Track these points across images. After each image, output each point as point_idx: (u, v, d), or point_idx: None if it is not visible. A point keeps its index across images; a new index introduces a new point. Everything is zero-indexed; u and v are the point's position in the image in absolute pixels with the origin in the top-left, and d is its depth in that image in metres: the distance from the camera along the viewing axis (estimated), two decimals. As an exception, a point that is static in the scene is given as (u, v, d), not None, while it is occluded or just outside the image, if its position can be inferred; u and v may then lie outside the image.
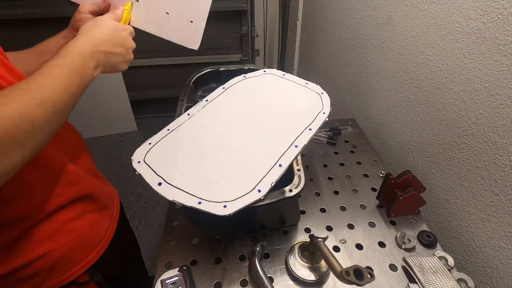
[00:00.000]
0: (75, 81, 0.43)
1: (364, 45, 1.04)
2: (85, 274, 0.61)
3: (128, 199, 1.76)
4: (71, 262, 0.58)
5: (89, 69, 0.45)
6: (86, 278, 0.62)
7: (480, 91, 0.60)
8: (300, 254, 0.60)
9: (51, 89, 0.39)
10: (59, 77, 0.41)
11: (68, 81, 0.41)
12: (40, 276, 0.55)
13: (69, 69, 0.42)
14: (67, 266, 0.58)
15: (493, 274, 0.62)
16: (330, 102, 0.70)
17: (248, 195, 0.51)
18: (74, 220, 0.57)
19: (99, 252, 0.63)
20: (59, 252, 0.55)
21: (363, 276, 0.46)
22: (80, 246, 0.59)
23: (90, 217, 0.61)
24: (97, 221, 0.63)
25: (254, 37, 2.04)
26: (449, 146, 0.70)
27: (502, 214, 0.59)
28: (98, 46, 0.47)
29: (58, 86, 0.40)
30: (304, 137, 0.61)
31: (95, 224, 0.62)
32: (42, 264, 0.54)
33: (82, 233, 0.59)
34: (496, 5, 0.54)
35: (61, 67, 0.42)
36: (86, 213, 0.60)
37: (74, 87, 0.43)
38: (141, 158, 0.55)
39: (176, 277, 0.56)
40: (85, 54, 0.45)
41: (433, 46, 0.71)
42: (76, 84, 0.43)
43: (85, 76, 0.45)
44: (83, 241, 0.59)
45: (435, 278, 0.54)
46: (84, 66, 0.45)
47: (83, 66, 0.44)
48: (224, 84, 0.75)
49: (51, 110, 0.39)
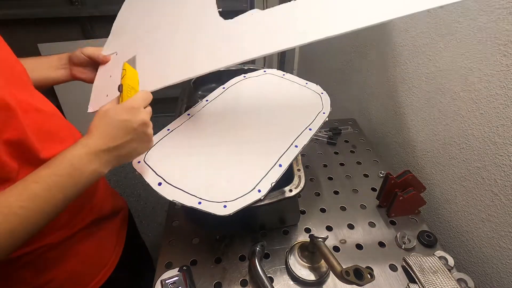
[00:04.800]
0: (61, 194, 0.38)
1: (364, 45, 1.04)
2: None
3: (128, 199, 1.76)
4: (78, 285, 0.56)
5: (85, 172, 0.40)
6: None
7: (480, 91, 0.60)
8: (300, 254, 0.60)
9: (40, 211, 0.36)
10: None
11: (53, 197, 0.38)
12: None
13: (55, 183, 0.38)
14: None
15: (493, 274, 0.62)
16: (330, 102, 0.70)
17: (248, 195, 0.51)
18: (78, 244, 0.54)
19: (107, 272, 0.60)
20: (64, 277, 0.53)
21: (363, 276, 0.46)
22: (86, 268, 0.57)
23: (95, 239, 0.58)
24: (103, 241, 0.60)
25: (254, 37, 2.04)
26: (449, 146, 0.70)
27: (502, 214, 0.59)
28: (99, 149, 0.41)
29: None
30: (304, 137, 0.61)
31: (101, 245, 0.60)
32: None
33: (87, 256, 0.56)
34: (496, 5, 0.54)
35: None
36: (91, 236, 0.57)
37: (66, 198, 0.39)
38: (141, 158, 0.55)
39: (176, 277, 0.56)
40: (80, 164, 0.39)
41: (433, 46, 0.71)
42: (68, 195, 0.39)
43: (81, 179, 0.40)
44: (89, 263, 0.57)
45: (435, 278, 0.54)
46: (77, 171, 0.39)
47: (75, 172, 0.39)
48: (224, 84, 0.75)
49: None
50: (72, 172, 0.38)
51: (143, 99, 0.46)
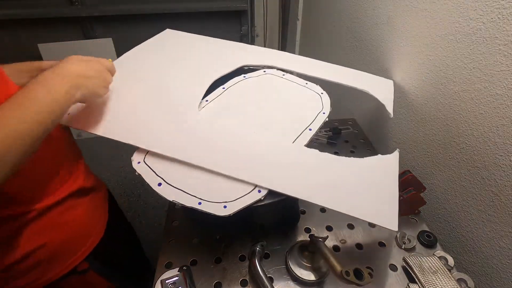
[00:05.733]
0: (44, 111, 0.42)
1: (364, 45, 1.04)
2: (84, 262, 0.63)
3: (128, 199, 1.76)
4: (69, 252, 0.61)
5: (60, 94, 0.44)
6: (85, 266, 0.64)
7: (480, 91, 0.60)
8: (300, 254, 0.60)
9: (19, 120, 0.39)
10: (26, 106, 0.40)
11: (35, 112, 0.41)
12: (41, 267, 0.57)
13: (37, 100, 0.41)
14: (66, 255, 0.60)
15: (493, 274, 0.62)
16: (330, 102, 0.70)
17: (248, 195, 0.51)
18: (67, 212, 0.59)
19: (95, 240, 0.66)
20: (56, 243, 0.57)
21: (363, 276, 0.46)
22: (76, 236, 0.62)
23: (83, 208, 0.63)
24: (89, 210, 0.65)
25: (254, 37, 2.05)
26: (449, 146, 0.70)
27: (502, 214, 0.59)
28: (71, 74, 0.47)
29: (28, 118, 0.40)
30: (304, 137, 0.61)
31: (88, 213, 0.64)
32: (41, 255, 0.56)
33: (76, 224, 0.61)
34: (496, 5, 0.54)
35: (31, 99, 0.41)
36: (78, 205, 0.62)
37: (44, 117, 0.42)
38: (141, 158, 0.55)
39: (176, 277, 0.56)
40: (54, 81, 0.44)
41: (433, 46, 0.71)
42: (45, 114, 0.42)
43: (58, 102, 0.44)
44: (78, 231, 0.62)
45: (435, 278, 0.54)
46: (55, 92, 0.44)
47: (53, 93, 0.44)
48: (224, 84, 0.75)
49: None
50: (42, 81, 0.43)
51: (110, 66, 0.57)
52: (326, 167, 0.57)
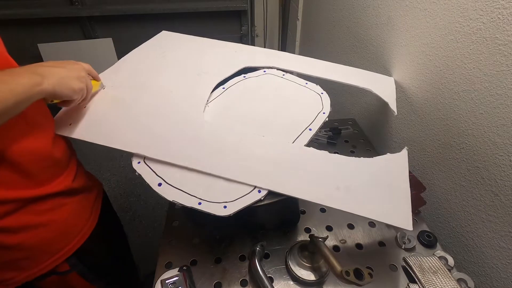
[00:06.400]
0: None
1: (364, 45, 1.04)
2: (64, 263, 0.62)
3: (128, 199, 1.76)
4: (48, 252, 0.59)
5: (23, 77, 0.44)
6: (66, 268, 0.63)
7: (480, 91, 0.60)
8: (300, 254, 0.60)
9: None
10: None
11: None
12: (18, 265, 0.56)
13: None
14: (44, 255, 0.59)
15: (493, 274, 0.62)
16: (330, 102, 0.70)
17: (248, 195, 0.51)
18: (50, 211, 0.57)
19: (79, 242, 0.63)
20: (33, 242, 0.56)
21: (363, 276, 0.46)
22: (57, 236, 0.60)
23: (68, 209, 0.61)
24: (76, 212, 0.63)
25: (254, 37, 2.05)
26: (449, 146, 0.70)
27: (502, 214, 0.59)
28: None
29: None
30: (304, 137, 0.61)
31: (74, 215, 0.62)
32: (17, 253, 0.55)
33: (58, 224, 0.59)
34: (496, 5, 0.54)
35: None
36: (64, 205, 0.60)
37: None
38: (141, 158, 0.55)
39: (176, 277, 0.56)
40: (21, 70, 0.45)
41: (433, 46, 0.71)
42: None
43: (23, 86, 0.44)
44: (59, 231, 0.60)
45: (435, 278, 0.54)
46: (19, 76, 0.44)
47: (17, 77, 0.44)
48: (224, 84, 0.75)
49: None
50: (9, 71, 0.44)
51: (88, 67, 0.59)
52: (333, 169, 0.57)
